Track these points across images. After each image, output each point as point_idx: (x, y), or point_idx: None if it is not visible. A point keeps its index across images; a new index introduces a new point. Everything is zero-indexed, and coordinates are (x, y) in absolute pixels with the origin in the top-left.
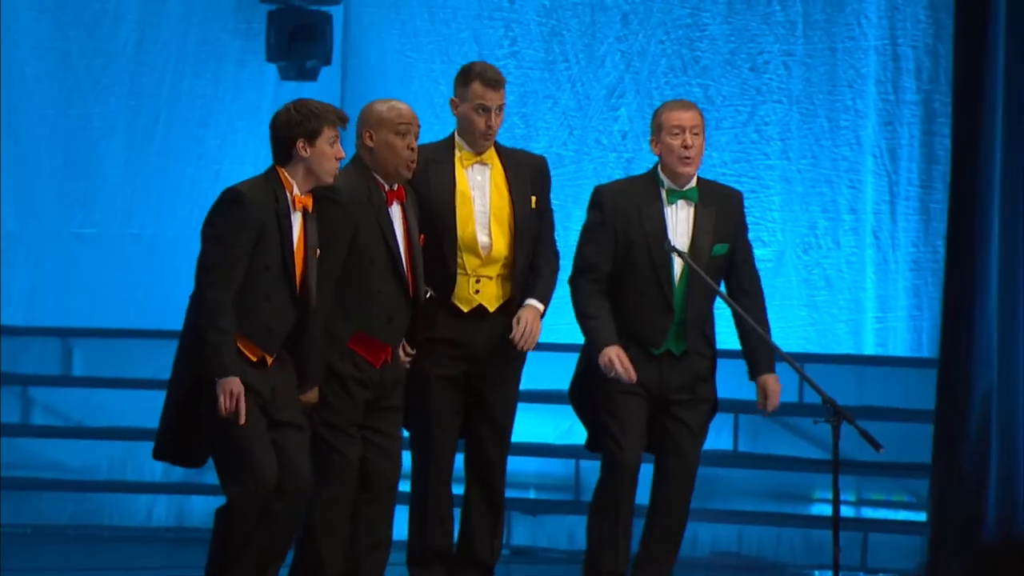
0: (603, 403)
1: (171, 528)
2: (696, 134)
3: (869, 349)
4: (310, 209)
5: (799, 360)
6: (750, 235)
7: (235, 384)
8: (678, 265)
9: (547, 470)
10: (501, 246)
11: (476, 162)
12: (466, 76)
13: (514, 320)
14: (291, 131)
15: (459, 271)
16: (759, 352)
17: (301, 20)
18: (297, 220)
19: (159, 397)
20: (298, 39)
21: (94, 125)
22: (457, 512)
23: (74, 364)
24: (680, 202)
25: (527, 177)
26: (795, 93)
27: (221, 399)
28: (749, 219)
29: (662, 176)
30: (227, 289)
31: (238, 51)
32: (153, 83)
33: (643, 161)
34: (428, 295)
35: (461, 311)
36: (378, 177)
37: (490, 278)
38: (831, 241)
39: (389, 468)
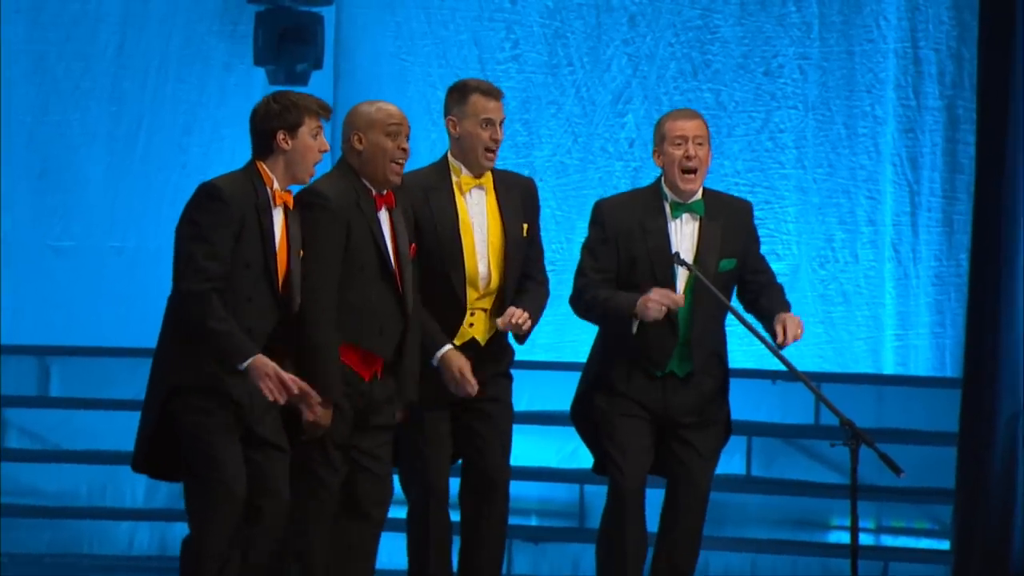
0: (602, 426)
1: (154, 557)
2: (700, 144)
3: (889, 368)
4: (291, 206)
5: (815, 380)
6: (763, 248)
7: (265, 364)
8: (682, 281)
9: (550, 495)
10: (496, 277)
11: (475, 186)
12: (462, 91)
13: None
14: (271, 123)
15: None
16: (774, 303)
17: (291, 21)
18: (279, 216)
19: None
20: (287, 42)
21: (73, 132)
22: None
23: (51, 384)
24: (684, 216)
25: (518, 201)
26: (811, 98)
27: (262, 385)
28: (762, 231)
29: (665, 189)
30: (210, 280)
31: (224, 54)
32: (135, 88)
33: (651, 170)
34: None
35: (453, 345)
36: (366, 182)
37: (484, 311)
38: (849, 254)
39: (376, 491)
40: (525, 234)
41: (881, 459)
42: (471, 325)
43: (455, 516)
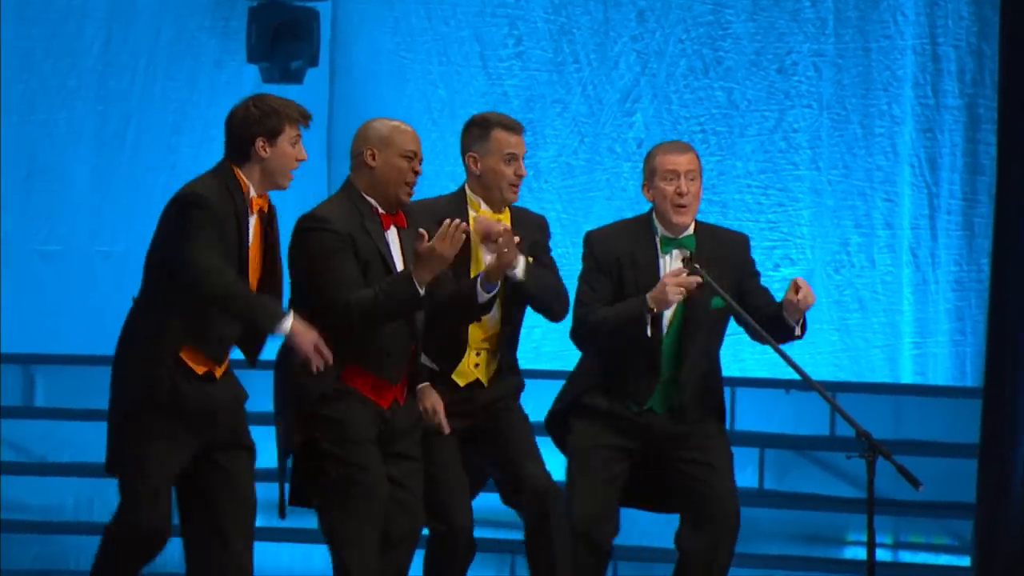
0: (569, 456)
1: (143, 573)
2: (692, 179)
3: (907, 378)
4: (266, 210)
5: (830, 389)
6: (777, 253)
7: (307, 332)
8: (667, 317)
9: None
10: (500, 314)
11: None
12: (483, 127)
13: None
14: (251, 129)
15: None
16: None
17: (285, 17)
18: (253, 223)
19: None
20: (282, 38)
21: (59, 132)
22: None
23: (36, 394)
24: (675, 251)
25: (527, 238)
26: (826, 97)
27: (305, 351)
28: (775, 235)
29: (656, 222)
30: (216, 256)
31: (215, 51)
32: (123, 86)
33: None
34: (428, 371)
35: (457, 385)
36: (373, 201)
37: (489, 351)
38: (865, 259)
39: (405, 521)
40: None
41: (899, 472)
42: (476, 366)
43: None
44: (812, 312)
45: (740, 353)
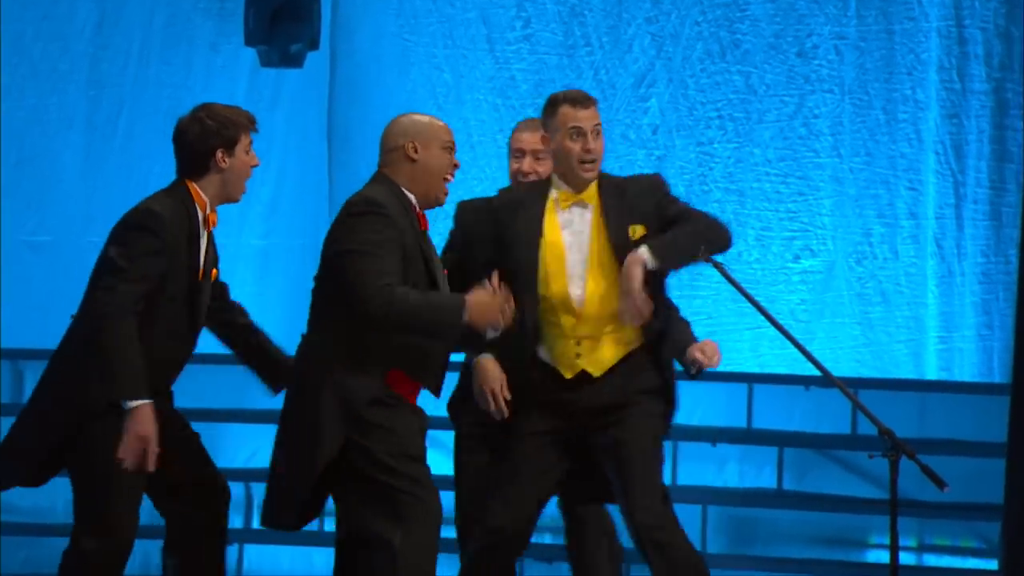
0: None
1: None
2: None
3: (932, 374)
4: (214, 225)
5: (852, 386)
6: (797, 243)
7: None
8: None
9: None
10: (597, 301)
11: (574, 203)
12: (552, 103)
13: None
14: (209, 141)
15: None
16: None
17: None
18: (204, 241)
19: None
20: (281, 20)
21: (50, 118)
22: None
23: (26, 390)
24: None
25: (640, 208)
26: (847, 81)
27: (130, 435)
28: (795, 225)
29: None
30: (135, 303)
31: (211, 33)
32: (115, 70)
33: (675, 158)
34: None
35: (561, 377)
36: (412, 197)
37: (595, 338)
38: (888, 250)
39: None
40: (636, 236)
41: (923, 472)
42: (578, 356)
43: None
44: (834, 306)
45: (759, 348)
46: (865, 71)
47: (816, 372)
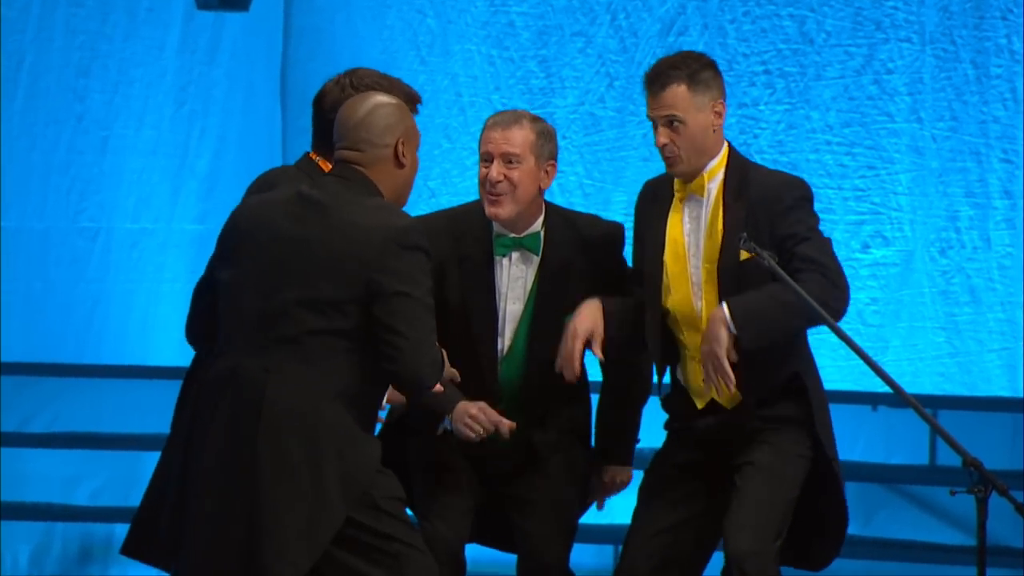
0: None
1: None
2: (512, 164)
3: None
4: None
5: (931, 405)
6: (866, 229)
7: None
8: (510, 330)
9: (576, 559)
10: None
11: (689, 194)
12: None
13: None
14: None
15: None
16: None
17: None
18: None
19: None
20: None
21: None
22: None
23: None
24: (514, 255)
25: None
26: (929, 28)
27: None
28: (866, 206)
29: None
30: None
31: None
32: (14, 15)
33: None
34: None
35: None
36: None
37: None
38: (978, 237)
39: None
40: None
41: (1017, 511)
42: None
43: None
44: (911, 306)
45: (817, 359)
46: (950, 15)
47: (887, 389)
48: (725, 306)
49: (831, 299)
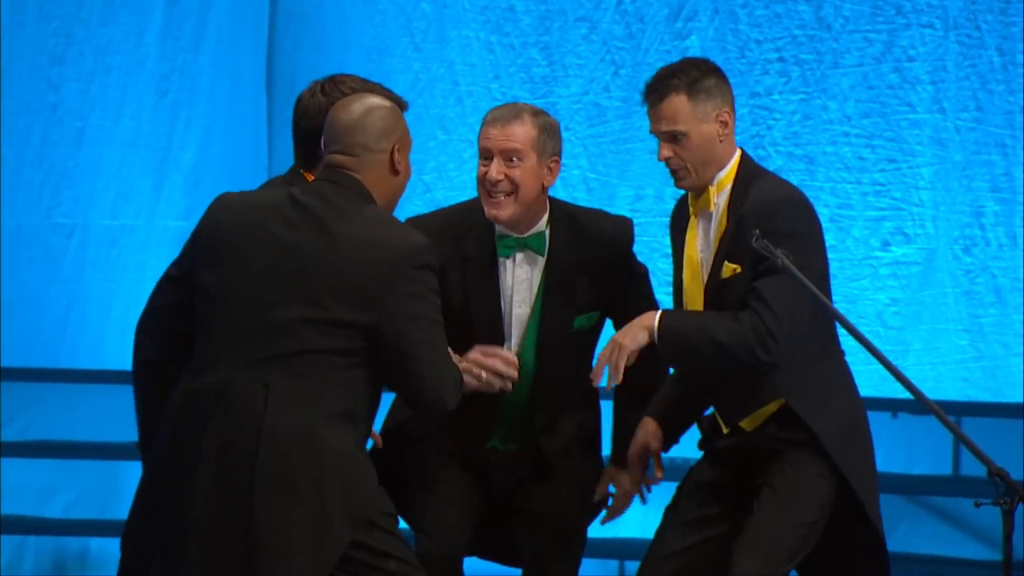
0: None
1: None
2: (513, 162)
3: None
4: None
5: (955, 412)
6: (886, 226)
7: None
8: (516, 339)
9: (580, 573)
10: None
11: (701, 209)
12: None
13: None
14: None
15: None
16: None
17: None
18: None
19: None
20: None
21: None
22: None
23: None
24: (518, 255)
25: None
26: (952, 13)
27: None
28: (885, 201)
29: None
30: None
31: None
32: None
33: None
34: None
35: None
36: None
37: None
38: (1004, 234)
39: None
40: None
41: None
42: None
43: None
44: (933, 307)
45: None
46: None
47: (908, 395)
48: (658, 315)
49: (753, 348)
